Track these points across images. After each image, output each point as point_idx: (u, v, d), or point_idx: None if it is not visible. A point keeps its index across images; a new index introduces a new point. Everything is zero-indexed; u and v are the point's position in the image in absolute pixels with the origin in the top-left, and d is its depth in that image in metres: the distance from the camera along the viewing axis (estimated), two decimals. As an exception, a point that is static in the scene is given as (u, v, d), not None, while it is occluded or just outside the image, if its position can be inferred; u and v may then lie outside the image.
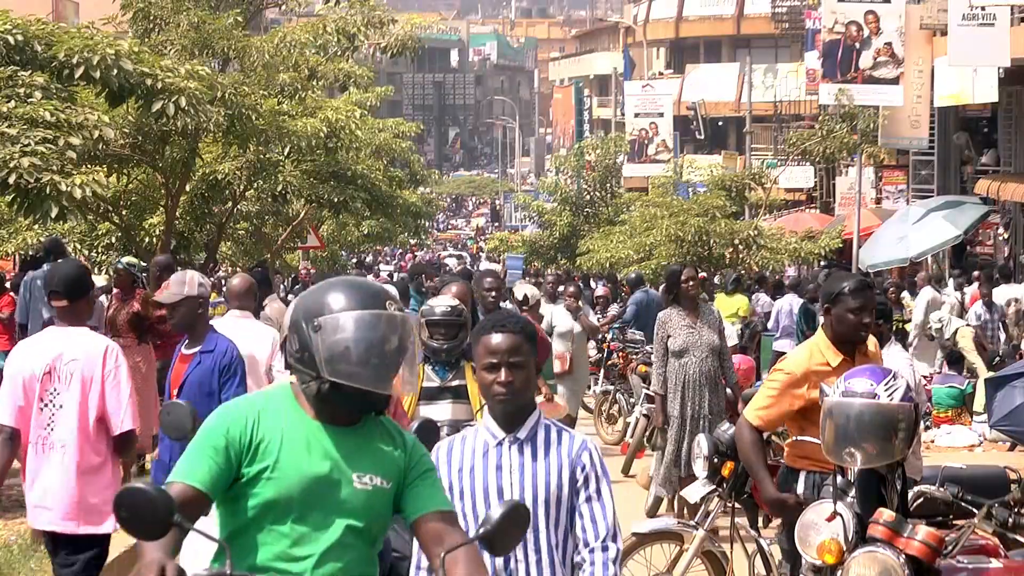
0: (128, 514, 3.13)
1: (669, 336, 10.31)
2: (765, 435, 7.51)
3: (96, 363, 6.10)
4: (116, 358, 6.17)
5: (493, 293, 10.02)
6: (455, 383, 6.86)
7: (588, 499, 4.19)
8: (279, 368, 8.27)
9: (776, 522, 7.65)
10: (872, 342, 6.27)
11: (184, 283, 7.28)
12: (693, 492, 7.68)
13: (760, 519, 7.93)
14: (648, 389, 12.34)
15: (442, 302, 7.00)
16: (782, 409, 6.08)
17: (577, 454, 4.19)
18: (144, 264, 12.61)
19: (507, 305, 14.65)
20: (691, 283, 10.33)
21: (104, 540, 6.26)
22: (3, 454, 6.01)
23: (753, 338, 18.20)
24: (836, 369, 5.87)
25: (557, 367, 13.49)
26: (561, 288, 16.48)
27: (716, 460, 7.40)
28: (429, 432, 5.24)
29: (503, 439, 4.18)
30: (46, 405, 6.10)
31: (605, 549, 4.14)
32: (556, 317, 14.29)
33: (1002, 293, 19.16)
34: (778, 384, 6.10)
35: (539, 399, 12.11)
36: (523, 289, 13.60)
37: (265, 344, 8.34)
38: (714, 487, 7.44)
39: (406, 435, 3.60)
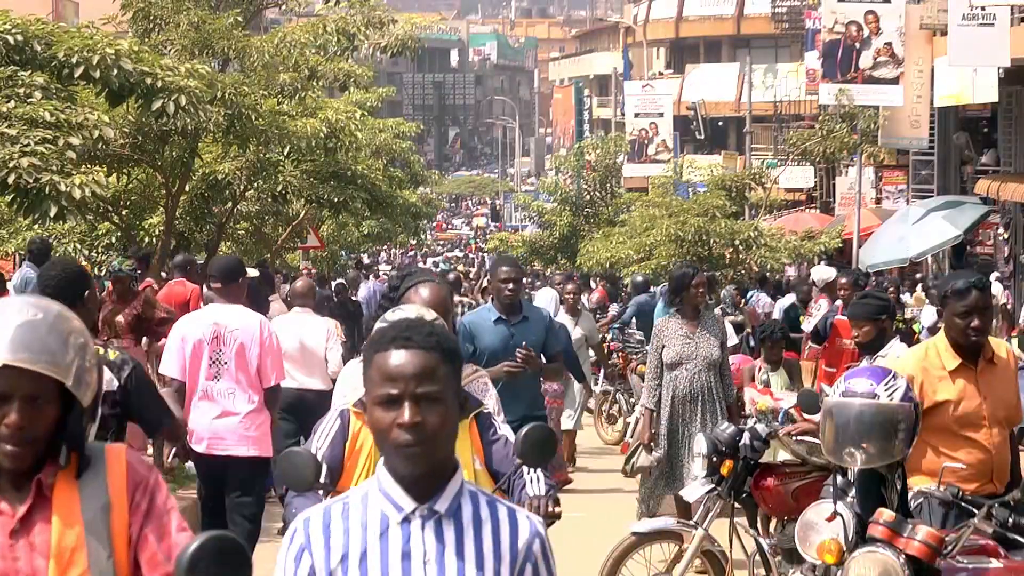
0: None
1: (664, 346, 9.30)
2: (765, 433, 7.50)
3: (254, 331, 7.87)
4: (268, 329, 8.02)
5: (511, 286, 8.38)
6: None
7: None
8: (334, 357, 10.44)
9: (776, 521, 7.65)
10: (1004, 347, 5.96)
11: None
12: (692, 491, 7.64)
13: (759, 518, 7.92)
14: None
15: (405, 313, 4.44)
16: None
17: (527, 544, 2.90)
18: (143, 256, 12.61)
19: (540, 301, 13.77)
20: (701, 291, 9.36)
21: (267, 463, 7.90)
22: (178, 401, 7.59)
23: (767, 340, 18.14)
24: (953, 373, 5.65)
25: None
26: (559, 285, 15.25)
27: (715, 459, 7.35)
28: (543, 443, 3.83)
29: (412, 512, 2.83)
30: (214, 362, 7.80)
31: None
32: None
33: None
34: None
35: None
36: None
37: (320, 334, 10.49)
38: (713, 486, 7.38)
39: None
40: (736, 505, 7.64)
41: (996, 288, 19.80)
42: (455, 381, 2.87)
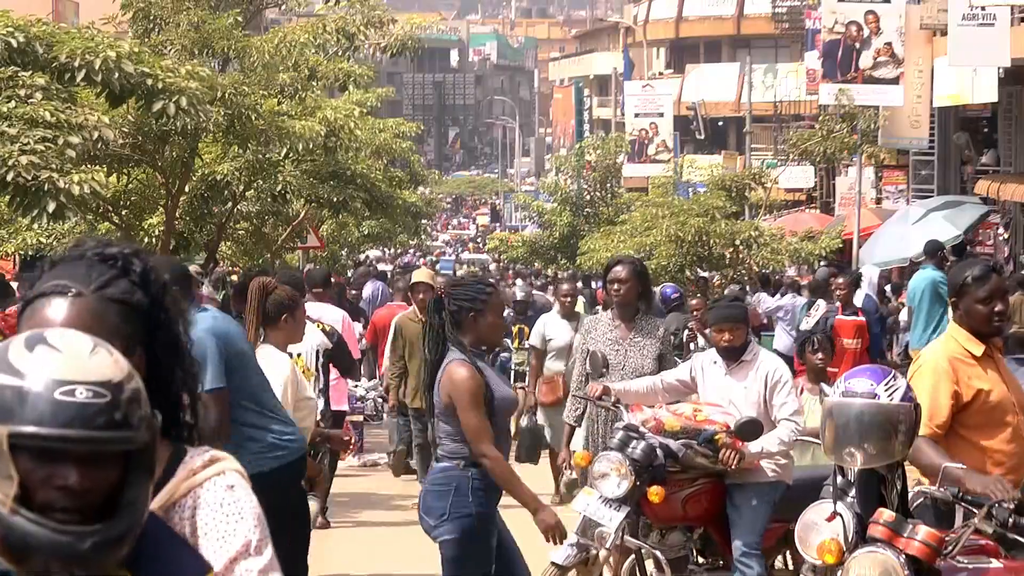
0: None
1: (589, 351, 7.70)
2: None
3: (337, 324, 10.44)
4: (351, 324, 11.50)
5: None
6: None
7: None
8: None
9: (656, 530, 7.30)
10: None
11: None
12: (609, 518, 6.75)
13: (640, 525, 7.23)
14: None
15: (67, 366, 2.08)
16: (947, 403, 5.46)
17: None
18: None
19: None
20: (614, 286, 7.72)
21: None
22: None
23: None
24: (980, 360, 5.54)
25: (543, 394, 11.60)
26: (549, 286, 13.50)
27: (639, 483, 6.75)
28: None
29: None
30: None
31: None
32: (551, 328, 11.75)
33: None
34: (928, 379, 5.48)
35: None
36: None
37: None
38: (630, 510, 6.79)
39: None
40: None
41: None
42: None
